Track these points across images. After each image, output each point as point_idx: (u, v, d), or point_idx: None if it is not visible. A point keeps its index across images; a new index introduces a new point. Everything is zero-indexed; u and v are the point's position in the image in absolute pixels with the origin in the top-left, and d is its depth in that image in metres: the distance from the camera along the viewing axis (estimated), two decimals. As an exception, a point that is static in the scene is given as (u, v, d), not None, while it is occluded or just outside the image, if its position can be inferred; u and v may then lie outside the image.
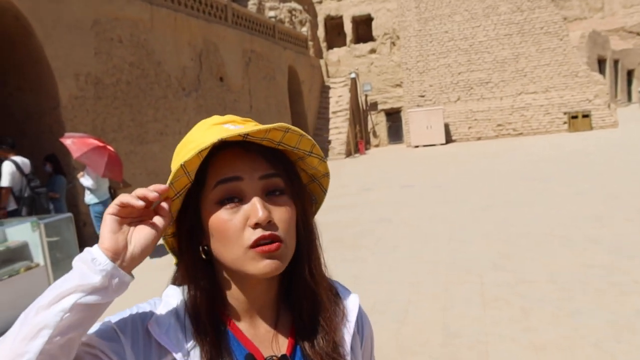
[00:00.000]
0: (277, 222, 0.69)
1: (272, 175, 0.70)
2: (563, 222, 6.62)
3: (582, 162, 12.02)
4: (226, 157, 0.69)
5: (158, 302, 0.75)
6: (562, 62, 21.01)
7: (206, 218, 0.70)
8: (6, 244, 5.17)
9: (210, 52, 12.80)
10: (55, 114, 7.84)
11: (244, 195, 0.69)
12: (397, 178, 12.94)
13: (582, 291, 4.20)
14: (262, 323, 0.75)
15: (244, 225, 0.68)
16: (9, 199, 6.04)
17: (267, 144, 0.71)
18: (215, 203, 0.69)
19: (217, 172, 0.69)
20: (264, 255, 0.67)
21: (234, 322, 0.73)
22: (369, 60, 24.34)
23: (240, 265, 0.68)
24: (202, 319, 0.70)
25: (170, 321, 0.70)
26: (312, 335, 0.75)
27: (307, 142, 0.73)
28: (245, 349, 0.72)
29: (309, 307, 0.76)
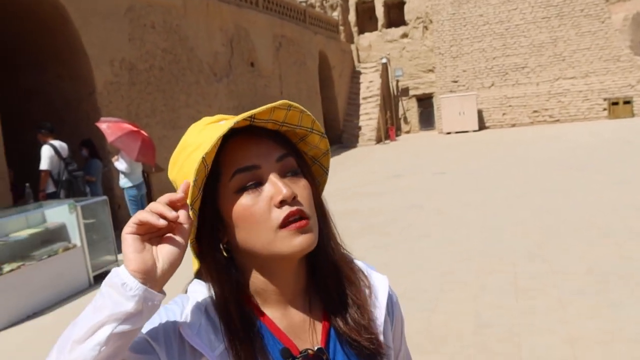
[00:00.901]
0: (300, 199, 0.68)
1: (285, 155, 0.70)
2: (602, 211, 6.40)
3: (622, 150, 11.56)
4: (237, 145, 0.68)
5: (185, 300, 0.71)
6: (603, 46, 20.16)
7: (227, 209, 0.68)
8: (45, 225, 5.35)
9: (241, 38, 12.82)
10: (91, 100, 8.01)
11: (263, 179, 0.68)
12: (429, 165, 12.75)
13: (622, 284, 4.05)
14: (296, 312, 0.73)
15: (269, 206, 0.66)
16: (48, 182, 6.23)
17: (272, 127, 0.71)
18: (235, 192, 0.68)
19: (231, 161, 0.68)
20: (296, 231, 0.66)
21: (266, 315, 0.71)
22: (400, 45, 23.93)
23: (273, 247, 0.67)
24: (232, 317, 0.68)
25: (201, 321, 0.67)
26: (343, 311, 0.74)
27: (308, 118, 0.72)
28: (280, 343, 0.70)
29: (335, 283, 0.75)
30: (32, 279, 4.79)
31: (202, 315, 0.68)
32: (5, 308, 4.49)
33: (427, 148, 17.24)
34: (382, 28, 24.72)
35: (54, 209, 5.41)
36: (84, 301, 5.06)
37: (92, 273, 5.50)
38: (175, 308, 0.69)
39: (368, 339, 0.73)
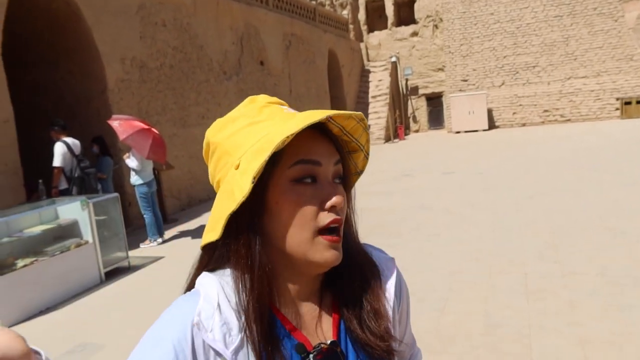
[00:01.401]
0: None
1: (339, 161, 0.71)
2: (614, 213, 6.34)
3: (634, 150, 11.44)
4: (305, 137, 0.67)
5: (196, 296, 0.68)
6: (616, 45, 19.94)
7: (276, 195, 0.67)
8: (58, 222, 5.41)
9: (251, 36, 12.84)
10: (102, 97, 8.08)
11: (319, 179, 0.69)
12: (438, 164, 12.71)
13: (635, 286, 4.02)
14: (308, 309, 0.73)
15: (319, 206, 0.67)
16: (61, 178, 6.29)
17: (337, 132, 0.73)
18: (291, 180, 0.67)
19: (295, 151, 0.67)
20: (330, 245, 0.67)
21: (280, 311, 0.71)
22: (410, 44, 23.84)
23: (306, 250, 0.67)
24: (251, 309, 0.66)
25: (214, 317, 0.65)
26: (355, 309, 0.74)
27: (365, 135, 0.75)
28: (294, 339, 0.70)
29: (350, 281, 0.75)
30: (45, 275, 4.84)
31: (216, 311, 0.66)
32: (18, 303, 4.55)
33: (436, 147, 17.17)
34: (391, 26, 24.63)
35: (67, 206, 5.47)
36: (95, 297, 5.11)
37: (103, 269, 5.55)
38: (184, 308, 0.67)
39: (383, 348, 0.73)
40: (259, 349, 0.65)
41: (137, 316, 4.47)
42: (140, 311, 4.60)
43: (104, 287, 5.40)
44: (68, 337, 4.12)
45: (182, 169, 9.71)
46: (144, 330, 0.70)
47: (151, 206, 7.03)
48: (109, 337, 4.04)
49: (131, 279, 5.67)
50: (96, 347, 3.87)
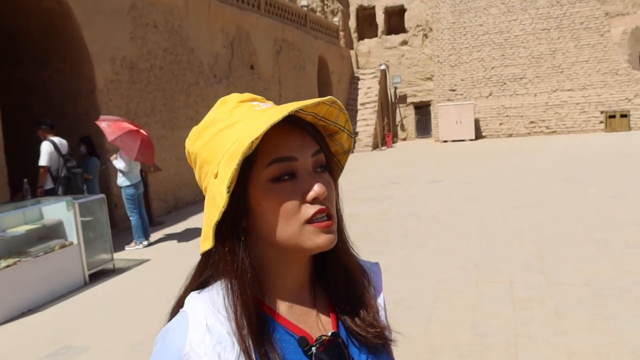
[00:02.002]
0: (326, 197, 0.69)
1: (319, 151, 0.70)
2: (599, 225, 6.43)
3: (619, 164, 11.64)
4: (277, 134, 0.67)
5: (184, 321, 0.68)
6: (602, 59, 20.32)
7: (257, 196, 0.67)
8: (42, 222, 5.33)
9: (242, 40, 12.83)
10: (91, 97, 7.99)
11: (297, 173, 0.68)
12: (425, 173, 12.79)
13: (619, 297, 4.07)
14: (303, 304, 0.74)
15: (300, 201, 0.67)
16: (46, 178, 6.20)
17: (311, 119, 0.71)
18: (269, 180, 0.67)
19: (269, 150, 0.67)
20: (322, 230, 0.67)
21: (272, 309, 0.71)
22: (399, 52, 24.03)
23: (296, 240, 0.67)
24: (239, 313, 0.66)
25: (205, 341, 0.65)
26: (350, 308, 0.76)
27: (343, 116, 0.74)
28: (293, 334, 0.70)
29: (344, 280, 0.77)
30: (28, 276, 4.76)
31: (204, 332, 0.66)
32: (0, 304, 4.45)
33: (423, 156, 17.29)
34: (381, 35, 24.81)
35: (52, 206, 5.39)
36: (79, 299, 5.03)
37: (87, 271, 5.47)
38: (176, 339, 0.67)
39: (374, 334, 0.75)
40: (253, 353, 0.65)
41: (122, 319, 4.41)
42: (125, 314, 4.54)
43: (88, 289, 5.32)
44: (51, 339, 4.04)
45: (169, 171, 9.63)
46: (130, 333, 0.70)
47: (137, 208, 6.95)
48: (94, 340, 3.98)
49: (116, 281, 5.59)
50: (80, 350, 3.81)
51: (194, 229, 7.99)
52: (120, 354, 3.71)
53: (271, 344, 0.67)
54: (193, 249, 6.66)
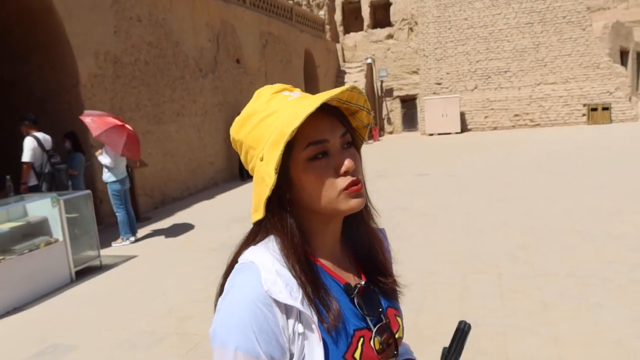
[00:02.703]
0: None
1: (345, 132, 0.84)
2: (583, 215, 6.54)
3: (601, 155, 11.83)
4: (310, 120, 0.78)
5: (251, 269, 0.78)
6: (584, 53, 20.58)
7: (298, 173, 0.81)
8: (27, 219, 5.25)
9: (227, 34, 12.72)
10: (74, 92, 7.86)
11: (329, 151, 0.81)
12: (412, 166, 12.86)
13: (603, 287, 4.15)
14: (338, 257, 0.89)
15: (335, 174, 0.81)
16: (30, 174, 6.10)
17: (337, 104, 0.85)
18: (307, 160, 0.80)
19: (305, 134, 0.79)
20: (352, 194, 0.81)
21: (320, 260, 0.85)
22: (385, 46, 24.05)
23: (334, 205, 0.81)
24: (297, 261, 0.79)
25: (277, 281, 0.76)
26: (372, 262, 0.94)
27: (362, 98, 0.86)
28: (337, 281, 0.85)
29: (367, 239, 0.94)
30: (13, 274, 4.69)
31: (276, 277, 0.77)
32: (-16, 303, 4.39)
33: (410, 149, 17.37)
34: (367, 28, 24.80)
35: (36, 203, 5.31)
36: (65, 297, 4.97)
37: (73, 268, 5.41)
38: (252, 280, 0.76)
39: (391, 281, 0.94)
40: (312, 295, 0.78)
41: (109, 316, 4.37)
42: (112, 311, 4.50)
43: (75, 286, 5.26)
44: (38, 338, 3.99)
45: (155, 167, 9.54)
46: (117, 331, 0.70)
47: (124, 204, 6.88)
48: (82, 338, 3.94)
49: (103, 278, 5.54)
50: (68, 348, 3.77)
51: (181, 224, 7.95)
52: (108, 352, 3.68)
53: (325, 289, 0.81)
54: (180, 244, 6.62)
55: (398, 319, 0.93)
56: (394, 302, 0.95)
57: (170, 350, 3.65)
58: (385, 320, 0.87)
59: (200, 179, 11.25)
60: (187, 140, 10.76)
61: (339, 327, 0.79)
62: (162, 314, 4.32)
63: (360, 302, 0.84)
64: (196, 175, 11.09)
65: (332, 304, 0.79)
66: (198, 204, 9.75)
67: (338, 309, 0.80)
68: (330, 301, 0.79)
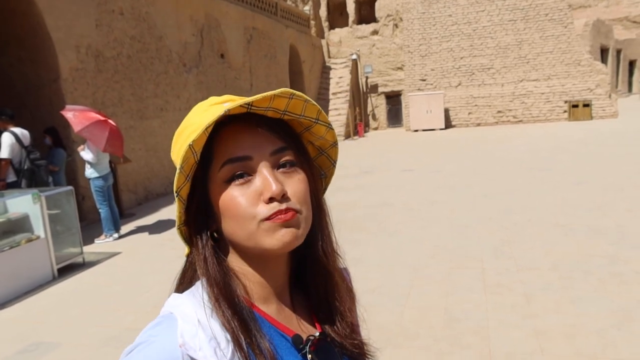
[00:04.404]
0: (291, 195, 0.65)
1: (282, 149, 0.67)
2: (564, 211, 6.64)
3: (582, 151, 12.03)
4: (231, 133, 0.66)
5: (170, 320, 0.63)
6: (565, 50, 20.86)
7: (215, 198, 0.66)
8: (7, 216, 5.15)
9: (212, 28, 12.61)
10: (55, 86, 7.72)
11: (254, 172, 0.66)
12: (397, 162, 12.92)
13: (584, 280, 4.23)
14: (283, 306, 0.72)
15: (257, 200, 0.64)
16: (8, 170, 5.98)
17: (272, 115, 0.67)
18: (224, 181, 0.65)
19: (223, 150, 0.65)
20: (280, 224, 0.63)
21: (259, 308, 0.69)
22: (370, 42, 24.08)
23: (256, 240, 0.64)
24: (229, 305, 0.64)
25: (199, 335, 0.62)
26: (330, 315, 0.74)
27: (313, 108, 0.68)
28: (283, 333, 0.68)
29: (324, 287, 0.75)
30: (-7, 272, 4.60)
31: (196, 326, 0.62)
32: (-37, 302, 4.30)
33: (395, 145, 17.45)
34: (352, 24, 24.80)
35: (16, 199, 5.21)
36: (47, 295, 4.90)
37: (56, 266, 5.33)
38: (166, 333, 0.62)
39: (352, 344, 0.74)
40: (247, 349, 0.62)
41: (93, 313, 4.32)
42: (96, 308, 4.45)
43: (57, 283, 5.18)
44: (19, 336, 3.93)
45: (139, 163, 9.43)
46: (101, 328, 0.66)
47: (107, 200, 6.80)
48: (64, 336, 3.89)
49: (86, 275, 5.47)
50: (51, 346, 3.71)
51: (165, 220, 7.87)
52: (93, 350, 3.63)
53: (265, 341, 0.65)
54: (164, 241, 6.57)
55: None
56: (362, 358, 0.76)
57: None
58: None
59: (184, 175, 11.14)
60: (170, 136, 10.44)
61: None
62: (147, 311, 4.28)
63: (314, 358, 0.67)
64: (180, 171, 10.99)
65: (266, 352, 0.63)
66: (182, 200, 9.65)
67: (272, 355, 0.64)
68: (267, 353, 0.63)
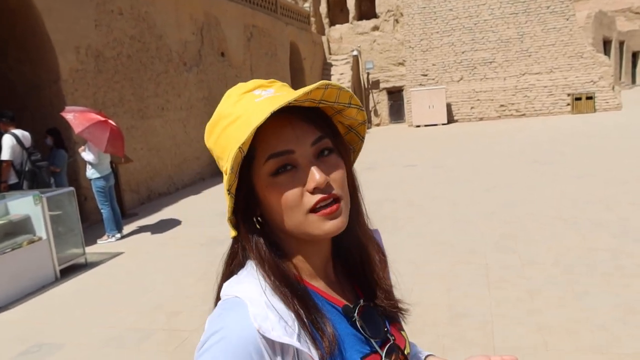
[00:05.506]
0: (332, 182, 0.70)
1: (320, 138, 0.71)
2: (567, 204, 6.60)
3: (586, 145, 11.96)
4: (272, 128, 0.68)
5: (239, 306, 0.66)
6: (568, 43, 20.73)
7: (261, 190, 0.70)
8: (9, 217, 5.15)
9: (211, 27, 12.58)
10: (55, 87, 7.72)
11: (298, 163, 0.69)
12: (400, 157, 12.88)
13: (588, 274, 4.20)
14: (329, 278, 0.78)
15: (302, 191, 0.68)
16: (10, 172, 5.98)
17: (309, 105, 0.71)
18: (269, 175, 0.69)
19: (266, 145, 0.69)
20: (327, 217, 0.69)
21: (311, 283, 0.75)
22: (371, 38, 23.99)
23: (304, 229, 0.70)
24: (286, 284, 0.69)
25: (269, 316, 0.65)
26: (368, 283, 0.82)
27: (346, 94, 0.73)
28: (333, 304, 0.74)
29: (359, 256, 0.82)
30: (-5, 274, 4.60)
31: (268, 310, 0.66)
32: (-34, 304, 4.31)
33: (398, 141, 17.40)
34: (353, 20, 24.71)
35: (18, 201, 5.21)
36: (50, 296, 4.90)
37: (58, 267, 5.33)
38: (241, 323, 0.64)
39: (390, 305, 0.81)
40: (309, 326, 0.67)
41: (95, 314, 4.32)
42: (98, 309, 4.45)
43: (60, 284, 5.19)
44: (21, 338, 3.93)
45: (140, 162, 9.43)
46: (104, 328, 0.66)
47: (109, 200, 6.79)
48: (68, 336, 3.89)
49: (88, 276, 5.47)
50: (54, 347, 3.71)
51: (168, 220, 7.87)
52: (95, 350, 3.63)
53: (319, 311, 0.70)
54: (167, 240, 6.56)
55: (403, 334, 0.84)
56: (396, 323, 0.84)
57: (159, 346, 3.61)
58: (391, 339, 0.77)
59: (186, 174, 11.15)
60: (172, 135, 10.65)
61: (335, 355, 0.68)
62: (149, 310, 4.27)
63: (362, 323, 0.74)
64: (182, 170, 11.00)
65: (326, 328, 0.68)
66: (185, 199, 9.67)
67: (333, 334, 0.68)
68: (324, 325, 0.68)
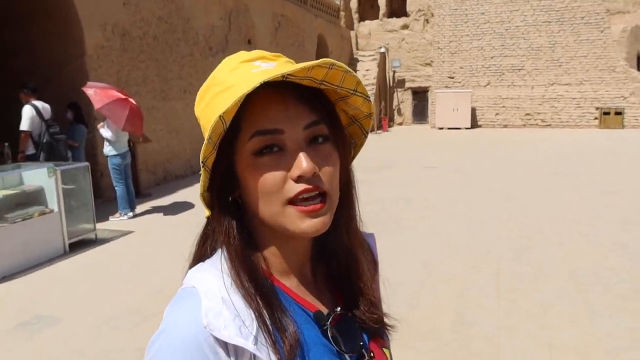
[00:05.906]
0: (322, 174, 0.61)
1: (316, 122, 0.62)
2: (588, 220, 6.39)
3: (611, 161, 11.63)
4: (263, 103, 0.60)
5: (194, 297, 0.59)
6: (600, 56, 20.20)
7: (241, 169, 0.62)
8: (22, 187, 5.18)
9: (240, 13, 12.53)
10: (79, 62, 7.76)
11: (285, 146, 0.61)
12: (420, 158, 12.71)
13: (603, 294, 4.03)
14: (304, 279, 0.69)
15: (285, 177, 0.60)
16: (28, 143, 6.02)
17: (308, 84, 0.62)
18: (252, 153, 0.61)
19: (253, 120, 0.60)
20: (305, 214, 0.60)
21: (280, 281, 0.66)
22: (400, 36, 23.73)
23: (279, 221, 0.61)
24: (250, 278, 0.61)
25: (223, 313, 0.58)
26: (352, 291, 0.72)
27: (352, 79, 0.63)
28: (302, 307, 0.66)
29: (344, 261, 0.73)
30: (4, 242, 4.63)
31: (222, 306, 0.58)
32: (-27, 269, 4.34)
33: (419, 141, 17.20)
34: (383, 17, 24.47)
35: (33, 172, 5.24)
36: (56, 269, 4.92)
37: (67, 240, 5.35)
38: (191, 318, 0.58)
39: (372, 319, 0.72)
40: (271, 327, 0.59)
41: (99, 291, 4.31)
42: (102, 286, 4.44)
43: (68, 258, 5.21)
44: (23, 309, 3.94)
45: (160, 143, 9.46)
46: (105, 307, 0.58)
47: (124, 179, 6.81)
48: (67, 311, 3.88)
49: (97, 252, 5.48)
50: (52, 321, 3.71)
51: (182, 202, 7.87)
52: (92, 328, 3.61)
53: (287, 317, 0.62)
54: (179, 222, 6.55)
55: (386, 351, 0.73)
56: (378, 338, 0.74)
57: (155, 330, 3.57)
58: (367, 357, 0.68)
59: (203, 159, 11.15)
60: (193, 118, 10.53)
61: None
62: (152, 293, 4.25)
63: (335, 334, 0.65)
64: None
65: (288, 330, 0.61)
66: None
67: (296, 337, 0.61)
68: (287, 327, 0.61)
